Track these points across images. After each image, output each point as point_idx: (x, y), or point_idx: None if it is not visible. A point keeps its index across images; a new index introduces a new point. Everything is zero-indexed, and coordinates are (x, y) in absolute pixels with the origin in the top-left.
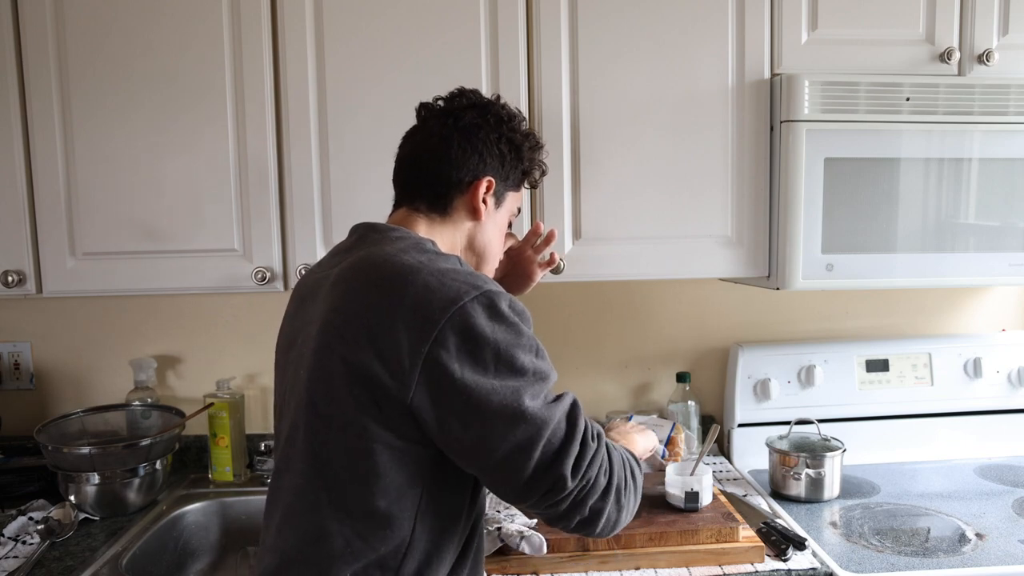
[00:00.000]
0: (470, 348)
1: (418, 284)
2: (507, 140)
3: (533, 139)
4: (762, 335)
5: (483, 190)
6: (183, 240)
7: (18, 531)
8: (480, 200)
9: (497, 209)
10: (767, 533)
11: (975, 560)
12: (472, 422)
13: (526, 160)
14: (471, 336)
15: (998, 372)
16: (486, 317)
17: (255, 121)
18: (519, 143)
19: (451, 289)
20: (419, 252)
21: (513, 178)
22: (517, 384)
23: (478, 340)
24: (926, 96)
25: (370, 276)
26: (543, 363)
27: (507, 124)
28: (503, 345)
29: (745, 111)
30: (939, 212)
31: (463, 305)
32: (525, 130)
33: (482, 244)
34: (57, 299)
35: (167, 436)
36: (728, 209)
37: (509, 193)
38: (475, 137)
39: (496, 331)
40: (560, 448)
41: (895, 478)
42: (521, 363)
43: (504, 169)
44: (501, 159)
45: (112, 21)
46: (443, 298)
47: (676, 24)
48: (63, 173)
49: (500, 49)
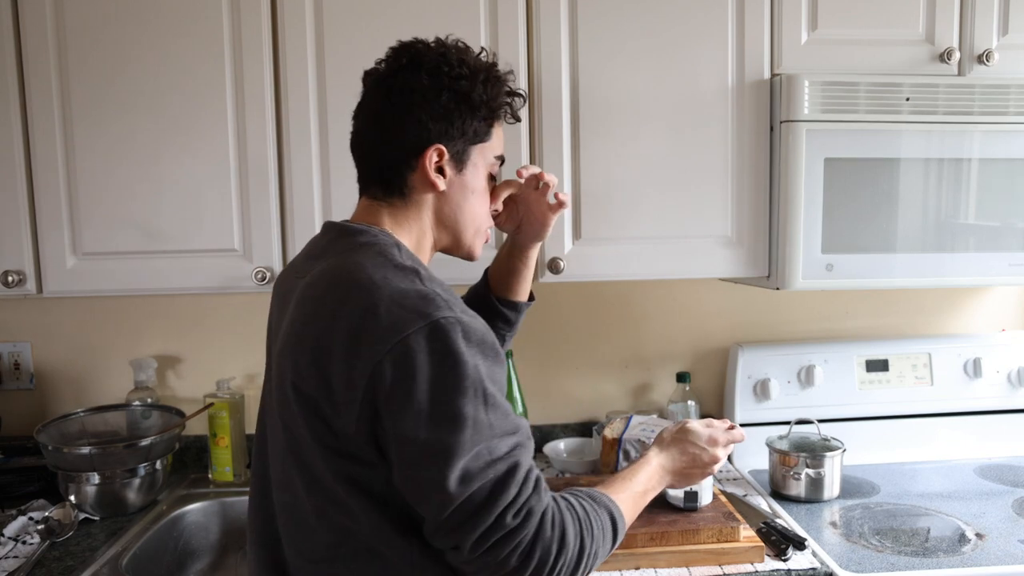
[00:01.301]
0: (406, 389)
1: (365, 310)
2: (450, 92)
3: (487, 73)
4: (762, 335)
5: (432, 161)
6: (183, 240)
7: (18, 531)
8: (432, 173)
9: (461, 173)
10: (767, 533)
11: (975, 560)
12: (401, 466)
13: (482, 105)
14: (408, 375)
15: (998, 372)
16: (427, 353)
17: (255, 121)
18: (466, 90)
19: (396, 318)
20: (378, 266)
21: (472, 130)
22: (450, 441)
23: (416, 380)
24: (926, 96)
25: (324, 298)
26: (493, 414)
27: (447, 73)
28: (443, 389)
29: (745, 111)
30: (939, 212)
31: (405, 338)
32: (474, 66)
33: (452, 217)
34: (57, 299)
35: (167, 436)
36: (728, 209)
37: (474, 148)
38: (409, 103)
39: (438, 370)
40: (471, 515)
41: (895, 478)
42: (461, 413)
43: (454, 127)
44: (447, 117)
45: (112, 21)
46: (386, 328)
47: (676, 24)
48: (63, 173)
49: (500, 49)
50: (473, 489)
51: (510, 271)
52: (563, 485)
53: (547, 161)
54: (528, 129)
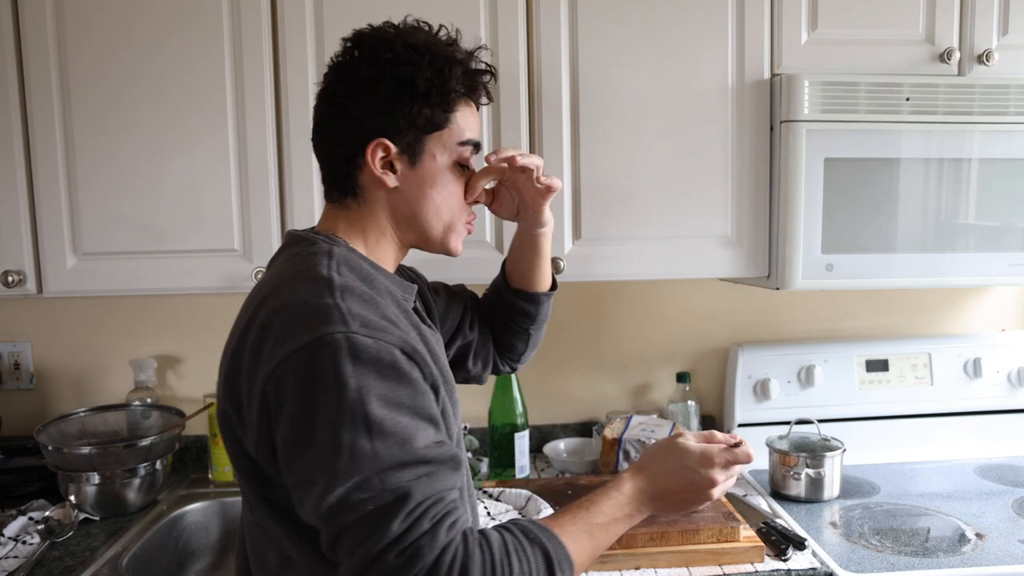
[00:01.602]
0: (281, 412)
1: (266, 326)
2: (392, 80)
3: (432, 55)
4: (762, 335)
5: (377, 157)
6: (183, 240)
7: (18, 531)
8: (378, 170)
9: (416, 166)
10: (767, 533)
11: (975, 560)
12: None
13: (432, 90)
14: (284, 398)
15: (998, 372)
16: (303, 375)
17: (255, 121)
18: (409, 76)
19: (285, 335)
20: (294, 278)
21: (423, 119)
22: (322, 471)
23: (289, 404)
24: (926, 96)
25: (243, 314)
26: (381, 442)
27: (389, 60)
28: (314, 415)
29: (745, 111)
30: (939, 212)
31: (286, 358)
32: (417, 47)
33: (410, 214)
34: (57, 299)
35: (167, 436)
36: (728, 209)
37: (429, 137)
38: (344, 98)
39: (311, 395)
40: (351, 550)
41: (895, 478)
42: (335, 441)
43: (400, 117)
44: (386, 108)
45: (112, 20)
46: (274, 346)
47: (676, 24)
48: (63, 173)
49: (500, 50)
50: (349, 522)
51: (521, 260)
52: (563, 485)
53: (547, 161)
54: (528, 129)
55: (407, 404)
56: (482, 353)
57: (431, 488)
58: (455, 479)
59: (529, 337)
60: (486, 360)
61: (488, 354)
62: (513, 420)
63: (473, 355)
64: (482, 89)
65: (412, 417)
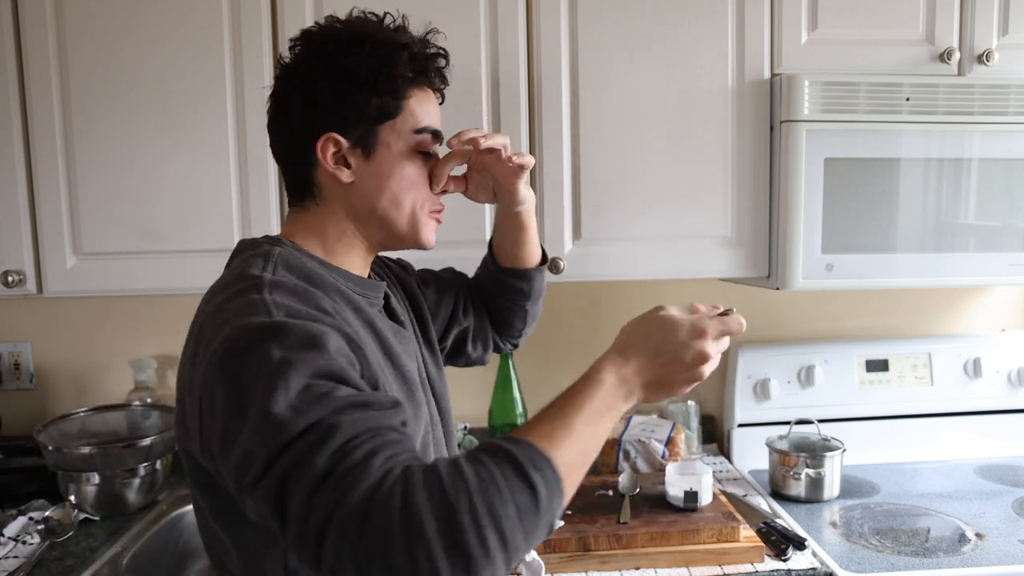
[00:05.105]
0: (214, 405)
1: (198, 333)
2: (333, 73)
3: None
4: (762, 335)
5: (328, 152)
6: (183, 240)
7: (18, 531)
8: (331, 165)
9: (371, 158)
10: (767, 533)
11: (975, 560)
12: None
13: (379, 78)
14: (215, 392)
15: (998, 372)
16: (230, 364)
17: (255, 121)
18: (354, 67)
19: (214, 334)
20: (232, 280)
21: (374, 109)
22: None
23: (220, 395)
24: (926, 96)
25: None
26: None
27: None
28: (249, 392)
29: (745, 111)
30: (939, 212)
31: (214, 351)
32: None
33: (370, 207)
34: (57, 299)
35: (167, 436)
36: (728, 209)
37: (383, 127)
38: (290, 96)
39: (241, 379)
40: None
41: (895, 478)
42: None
43: (347, 109)
44: (334, 102)
45: (112, 20)
46: (207, 346)
47: (676, 24)
48: (63, 173)
49: (500, 50)
50: (280, 487)
51: (507, 238)
52: None
53: (547, 161)
54: (528, 129)
55: (338, 376)
56: (480, 336)
57: (364, 424)
58: (396, 419)
59: (526, 313)
60: (485, 342)
61: (487, 336)
62: (513, 420)
63: (472, 339)
64: (433, 73)
65: (343, 385)
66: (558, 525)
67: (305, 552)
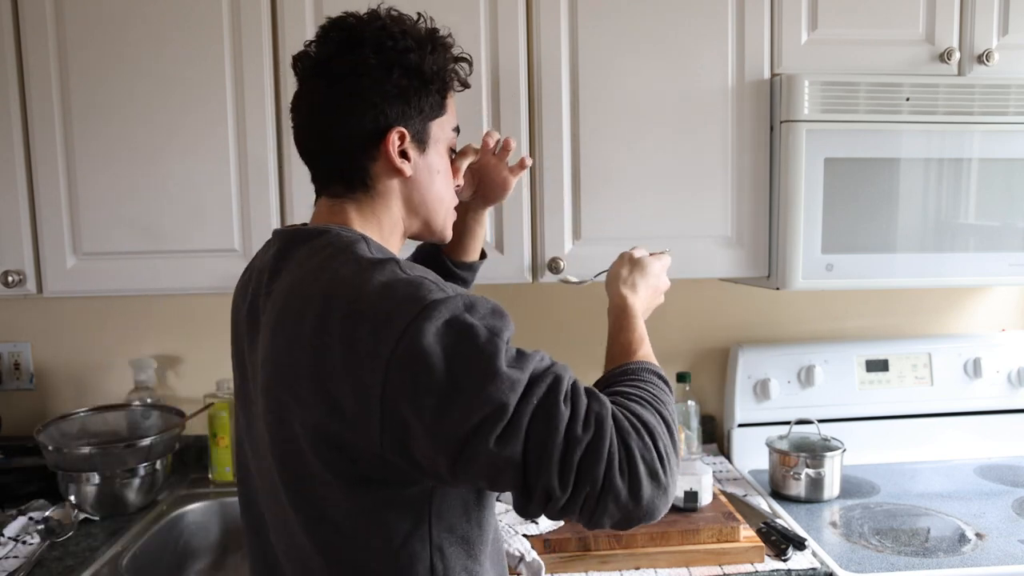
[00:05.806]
0: (428, 380)
1: (353, 317)
2: (401, 68)
3: (432, 41)
4: (762, 335)
5: (395, 146)
6: (183, 240)
7: (18, 531)
8: (397, 159)
9: (425, 153)
10: (767, 533)
11: (975, 560)
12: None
13: (434, 76)
14: (422, 367)
15: (998, 372)
16: (435, 335)
17: (255, 121)
18: (416, 64)
19: (388, 315)
20: (350, 263)
21: (429, 107)
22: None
23: (435, 367)
24: (926, 96)
25: (302, 317)
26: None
27: (392, 47)
28: (465, 362)
29: (745, 111)
30: (939, 212)
31: (405, 330)
32: (418, 37)
33: (420, 201)
34: (57, 299)
35: (167, 436)
36: (728, 209)
37: (433, 123)
38: (360, 87)
39: (454, 349)
40: (540, 453)
41: (895, 478)
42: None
43: (412, 105)
44: (403, 96)
45: (112, 20)
46: (381, 328)
47: (676, 24)
48: (63, 173)
49: (500, 50)
50: (522, 433)
51: (464, 233)
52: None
53: (547, 160)
54: (528, 129)
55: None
56: None
57: (565, 369)
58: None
59: None
60: None
61: None
62: None
63: None
64: (464, 75)
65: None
66: (558, 525)
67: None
